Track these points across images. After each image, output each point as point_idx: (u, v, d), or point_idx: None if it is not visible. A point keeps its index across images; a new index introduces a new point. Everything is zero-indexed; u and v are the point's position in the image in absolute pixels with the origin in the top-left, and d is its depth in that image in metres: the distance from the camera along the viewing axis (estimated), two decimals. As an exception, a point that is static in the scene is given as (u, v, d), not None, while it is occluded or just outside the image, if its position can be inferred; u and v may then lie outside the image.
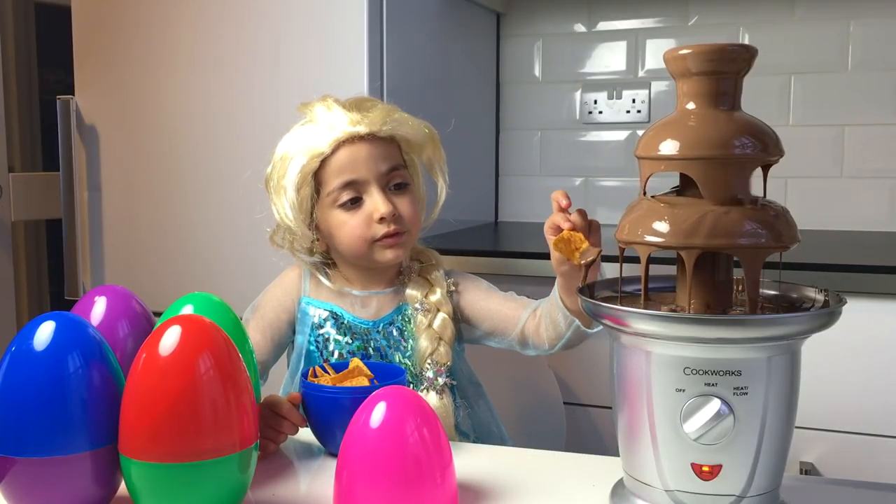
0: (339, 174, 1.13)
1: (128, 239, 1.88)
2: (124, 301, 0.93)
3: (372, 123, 1.13)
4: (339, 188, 1.13)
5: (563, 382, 1.61)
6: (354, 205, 1.14)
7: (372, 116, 1.13)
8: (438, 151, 1.21)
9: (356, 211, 1.14)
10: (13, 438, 0.73)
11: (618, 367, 0.79)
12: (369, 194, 1.13)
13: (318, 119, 1.14)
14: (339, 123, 1.12)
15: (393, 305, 1.19)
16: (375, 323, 1.18)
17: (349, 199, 1.13)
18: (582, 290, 0.83)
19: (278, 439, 0.97)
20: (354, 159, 1.13)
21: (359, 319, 1.18)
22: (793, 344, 0.74)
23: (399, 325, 1.18)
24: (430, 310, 1.17)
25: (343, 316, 1.18)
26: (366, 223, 1.13)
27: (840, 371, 1.44)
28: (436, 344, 1.15)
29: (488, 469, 0.93)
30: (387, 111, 1.16)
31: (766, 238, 0.73)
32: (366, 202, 1.14)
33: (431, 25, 1.91)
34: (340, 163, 1.12)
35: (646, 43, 2.16)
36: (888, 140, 1.98)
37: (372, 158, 1.13)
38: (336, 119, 1.13)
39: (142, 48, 1.82)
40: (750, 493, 0.75)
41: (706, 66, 0.75)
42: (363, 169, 1.13)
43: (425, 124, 1.19)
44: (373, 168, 1.13)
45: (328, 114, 1.14)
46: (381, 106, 1.17)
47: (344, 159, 1.12)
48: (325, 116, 1.14)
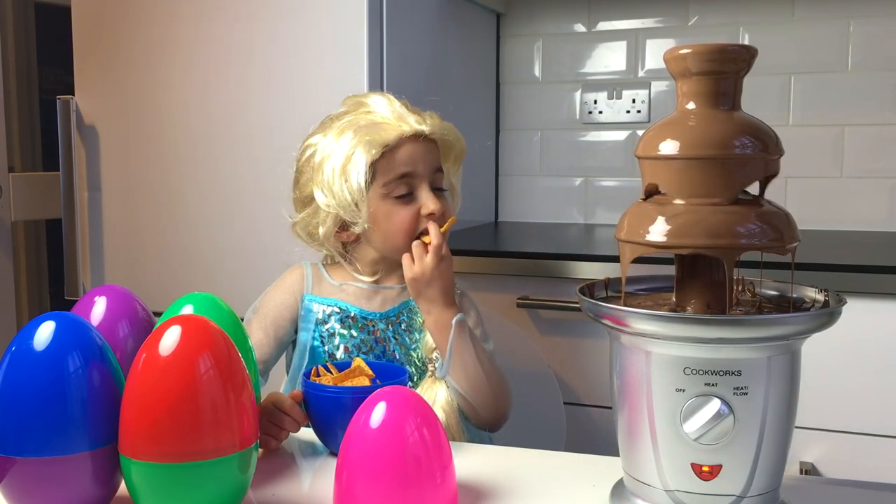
0: (398, 167, 1.17)
1: (128, 239, 1.88)
2: (124, 301, 0.93)
3: (433, 126, 1.19)
4: (395, 180, 1.16)
5: (563, 382, 1.61)
6: (406, 198, 1.18)
7: (431, 120, 1.20)
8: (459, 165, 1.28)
9: (406, 204, 1.18)
10: (13, 438, 0.73)
11: (618, 367, 0.79)
12: (420, 190, 1.18)
13: (377, 111, 1.19)
14: (407, 119, 1.18)
15: (401, 299, 1.21)
16: (382, 314, 1.20)
17: (403, 193, 1.17)
18: (582, 290, 0.83)
19: (280, 436, 0.98)
20: (414, 155, 1.17)
21: (365, 311, 1.19)
22: (793, 344, 0.74)
23: (406, 318, 1.20)
24: None
25: (349, 309, 1.19)
26: (414, 217, 1.17)
27: (840, 371, 1.44)
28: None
29: (488, 469, 0.93)
30: (438, 117, 1.22)
31: (766, 238, 0.73)
32: (417, 197, 1.18)
33: (431, 25, 1.91)
34: (402, 156, 1.17)
35: (646, 43, 2.16)
36: (888, 140, 1.98)
37: (426, 157, 1.19)
38: (403, 114, 1.18)
39: (142, 48, 1.82)
40: (750, 493, 0.75)
41: (706, 66, 0.75)
42: (420, 165, 1.18)
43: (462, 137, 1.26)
44: (427, 166, 1.19)
45: (392, 108, 1.19)
46: (430, 111, 1.22)
47: (406, 154, 1.17)
48: (389, 110, 1.18)
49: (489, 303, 1.52)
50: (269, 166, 1.66)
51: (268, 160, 1.70)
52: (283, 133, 1.70)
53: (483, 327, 1.23)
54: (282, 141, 1.71)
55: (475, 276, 1.63)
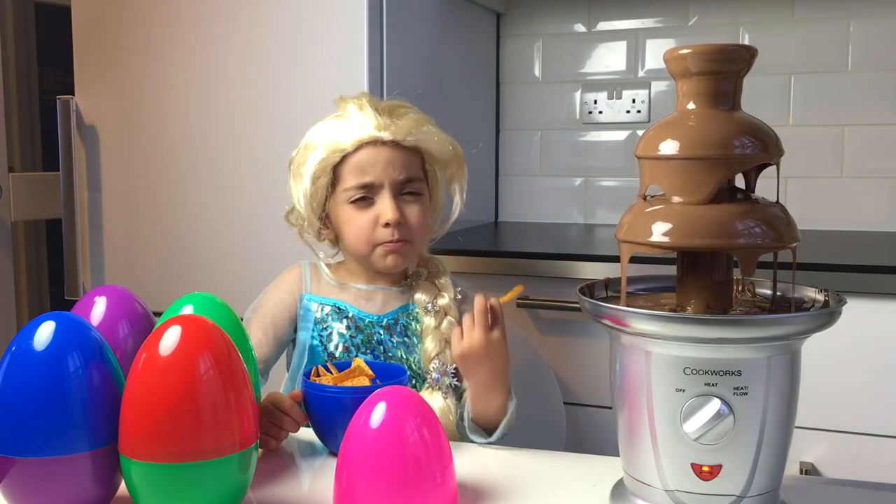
0: (355, 172, 1.15)
1: (128, 239, 1.88)
2: (124, 301, 0.93)
3: (398, 132, 1.15)
4: (353, 186, 1.15)
5: (563, 382, 1.61)
6: (365, 204, 1.16)
7: (400, 125, 1.15)
8: (461, 170, 1.23)
9: (365, 211, 1.16)
10: (13, 438, 0.73)
11: (618, 367, 0.79)
12: (380, 197, 1.16)
13: (348, 115, 1.17)
14: (367, 124, 1.15)
15: (400, 303, 1.21)
16: (380, 317, 1.19)
17: (360, 198, 1.16)
18: (582, 290, 0.83)
19: (280, 436, 0.98)
20: (373, 161, 1.15)
21: (363, 313, 1.19)
22: (793, 344, 0.74)
23: (404, 322, 1.19)
24: (439, 313, 1.18)
25: (347, 309, 1.19)
26: (371, 225, 1.15)
27: (840, 371, 1.44)
28: (442, 346, 1.16)
29: (488, 469, 0.93)
30: (416, 122, 1.17)
31: (766, 238, 0.73)
32: (376, 204, 1.16)
33: (431, 25, 1.91)
34: (359, 162, 1.15)
35: (646, 43, 2.16)
36: (888, 140, 1.98)
37: (390, 164, 1.15)
38: (365, 119, 1.15)
39: (142, 48, 1.82)
40: (750, 493, 0.75)
41: (706, 66, 0.75)
42: (380, 172, 1.15)
43: (451, 142, 1.21)
44: (389, 173, 1.15)
45: (359, 113, 1.16)
46: (412, 115, 1.18)
47: (363, 159, 1.15)
48: (356, 115, 1.16)
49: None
50: (270, 166, 1.66)
51: (268, 160, 1.70)
52: (283, 133, 1.69)
53: None
54: (282, 140, 1.70)
55: (475, 276, 1.63)
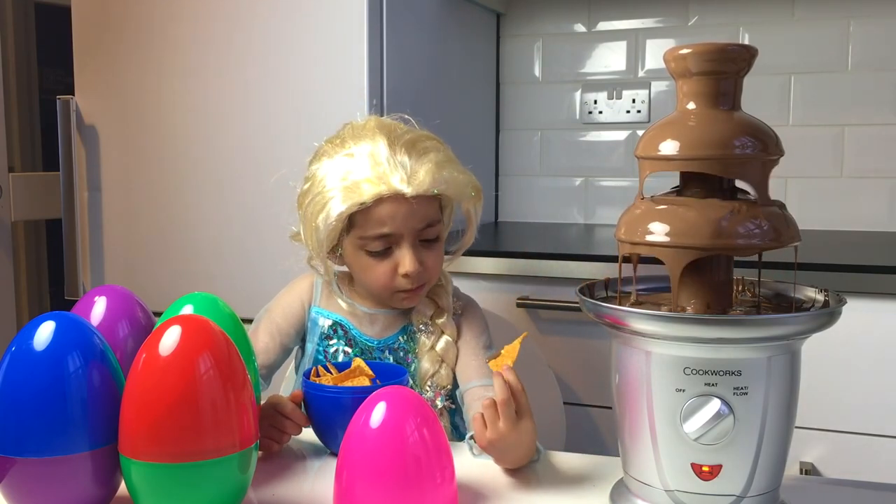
0: (375, 225, 1.09)
1: (128, 239, 1.88)
2: (124, 301, 0.93)
3: (420, 186, 1.08)
4: (371, 237, 1.10)
5: (563, 382, 1.61)
6: (382, 254, 1.12)
7: (421, 177, 1.08)
8: (479, 203, 1.19)
9: (383, 259, 1.12)
10: (13, 438, 0.74)
11: (618, 367, 0.79)
12: (400, 247, 1.11)
13: (366, 163, 1.09)
14: (387, 178, 1.07)
15: (398, 326, 1.18)
16: (380, 342, 1.17)
17: (379, 250, 1.11)
18: (582, 290, 0.83)
19: (282, 439, 0.98)
20: (393, 214, 1.09)
21: (364, 336, 1.18)
22: (793, 344, 0.74)
23: (403, 346, 1.17)
24: (435, 331, 1.17)
25: (350, 329, 1.18)
26: (391, 274, 1.12)
27: (840, 371, 1.44)
28: (437, 366, 1.15)
29: (488, 469, 0.93)
30: (438, 167, 1.11)
31: (765, 238, 0.73)
32: (395, 253, 1.11)
33: (431, 25, 1.91)
34: (379, 216, 1.09)
35: (646, 43, 2.16)
36: (888, 140, 1.98)
37: (411, 216, 1.10)
38: (384, 172, 1.08)
39: (142, 48, 1.82)
40: (750, 493, 0.75)
41: (706, 66, 0.75)
42: (400, 224, 1.09)
43: (472, 182, 1.15)
44: (409, 224, 1.10)
45: (377, 163, 1.08)
46: (433, 158, 1.11)
47: (384, 213, 1.09)
48: (374, 165, 1.08)
49: (489, 303, 1.52)
50: (270, 166, 1.66)
51: (268, 160, 1.70)
52: (283, 133, 1.70)
53: (488, 334, 1.20)
54: (282, 141, 1.71)
55: (475, 276, 1.63)
